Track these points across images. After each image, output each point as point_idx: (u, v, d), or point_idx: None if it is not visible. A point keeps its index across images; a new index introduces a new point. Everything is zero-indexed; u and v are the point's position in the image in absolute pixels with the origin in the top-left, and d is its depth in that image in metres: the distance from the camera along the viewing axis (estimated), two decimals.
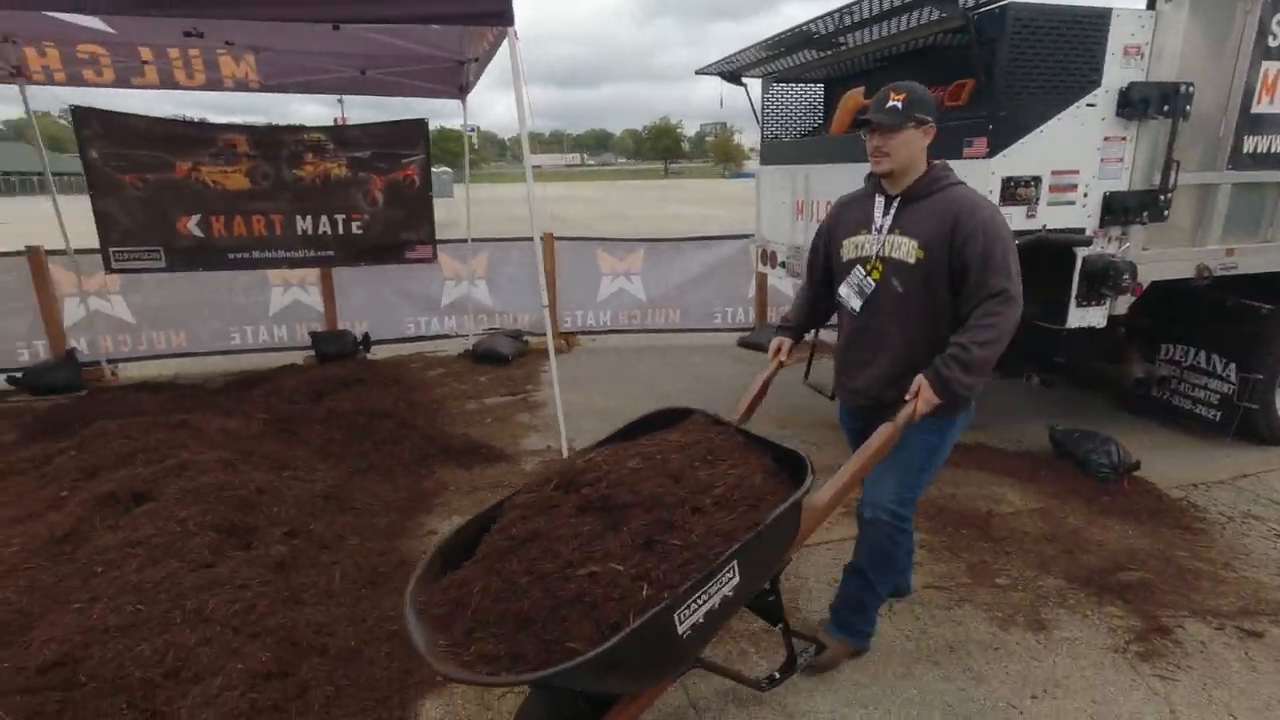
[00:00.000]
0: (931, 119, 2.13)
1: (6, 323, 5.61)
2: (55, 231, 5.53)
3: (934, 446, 2.24)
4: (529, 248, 6.66)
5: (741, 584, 1.71)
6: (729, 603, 1.71)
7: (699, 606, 1.62)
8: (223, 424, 3.43)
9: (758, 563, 1.79)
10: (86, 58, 5.22)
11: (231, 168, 5.69)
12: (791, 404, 5.19)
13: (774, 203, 5.27)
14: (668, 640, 1.59)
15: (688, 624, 1.61)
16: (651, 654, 1.63)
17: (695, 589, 1.59)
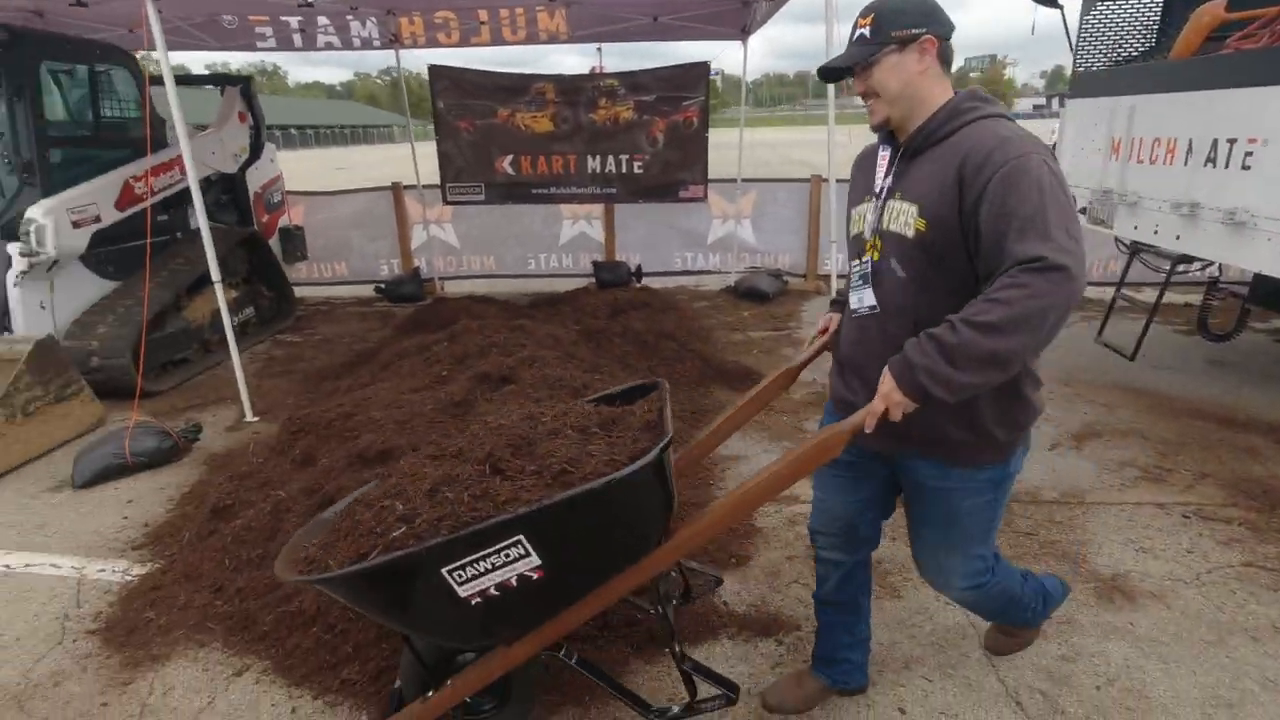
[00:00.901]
0: (923, 28, 1.51)
1: (375, 245, 7.09)
2: (374, 172, 6.81)
3: (993, 503, 1.71)
4: (795, 189, 6.78)
5: (550, 568, 1.50)
6: (539, 587, 1.51)
7: (479, 573, 1.48)
8: (548, 330, 4.13)
9: (575, 549, 1.55)
10: (440, 23, 6.26)
11: (540, 113, 6.49)
12: (1080, 362, 4.81)
13: (1081, 140, 4.78)
14: (442, 596, 1.49)
15: (472, 588, 1.49)
16: (430, 607, 1.56)
17: (455, 545, 1.44)
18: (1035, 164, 1.38)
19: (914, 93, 1.55)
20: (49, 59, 4.42)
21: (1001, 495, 1.73)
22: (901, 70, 1.53)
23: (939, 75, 1.55)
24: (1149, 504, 3.11)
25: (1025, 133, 1.47)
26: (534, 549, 1.48)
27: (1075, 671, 2.19)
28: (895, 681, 2.16)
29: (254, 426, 4.05)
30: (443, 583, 1.49)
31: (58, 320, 4.29)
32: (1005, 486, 1.72)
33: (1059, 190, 1.38)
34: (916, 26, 1.52)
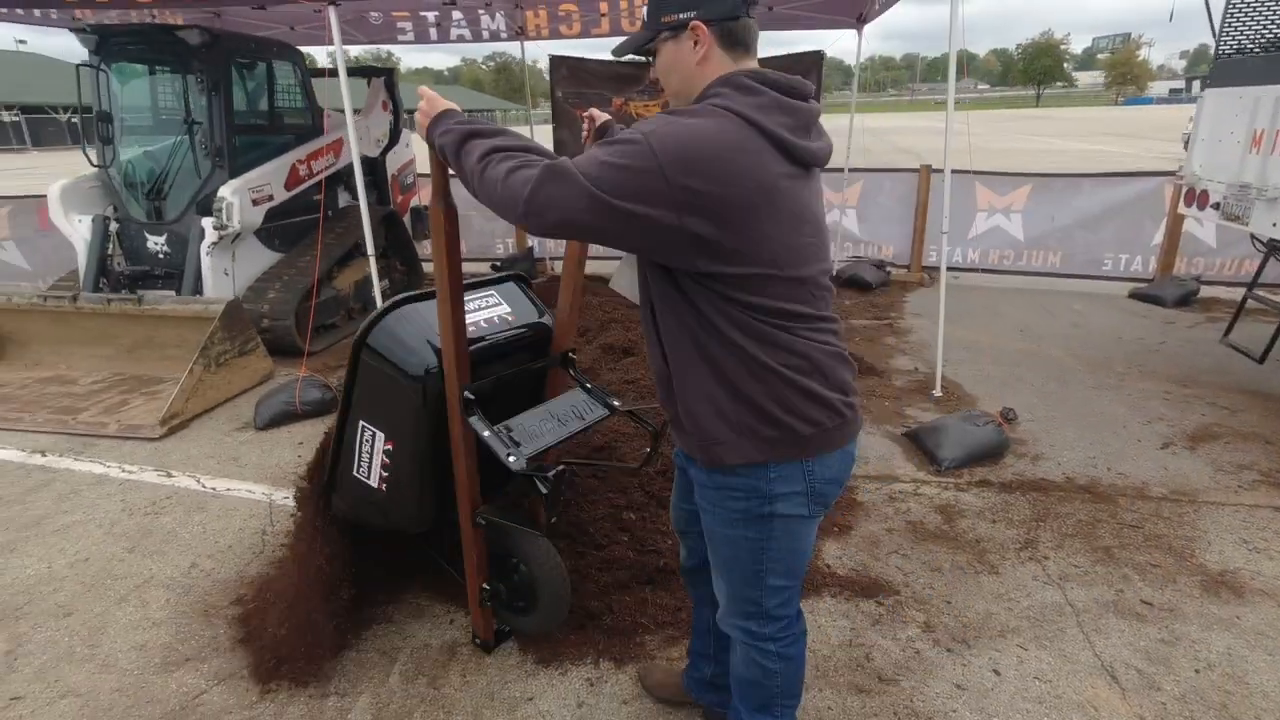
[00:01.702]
0: (691, 11, 1.33)
1: (492, 224, 7.58)
2: None
3: (756, 543, 1.48)
4: (902, 179, 6.74)
5: (390, 434, 2.05)
6: (399, 456, 2.05)
7: (368, 463, 2.11)
8: None
9: (385, 413, 2.05)
10: (564, 15, 6.61)
11: (653, 101, 6.74)
12: (1202, 363, 4.66)
13: (1218, 132, 4.57)
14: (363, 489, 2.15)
15: (374, 475, 2.11)
16: (365, 499, 2.19)
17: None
18: (644, 134, 1.21)
19: (692, 83, 1.37)
20: (238, 57, 5.05)
21: (765, 538, 1.47)
22: (678, 61, 1.38)
23: (722, 59, 1.35)
24: (1267, 507, 3.07)
25: (690, 120, 1.24)
26: (372, 426, 2.06)
27: (1174, 654, 2.28)
28: (990, 646, 2.32)
29: None
30: (356, 480, 2.16)
31: (236, 285, 4.93)
32: (771, 529, 1.46)
33: (649, 158, 1.18)
34: (684, 10, 1.34)
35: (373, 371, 2.03)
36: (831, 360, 1.42)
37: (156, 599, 2.59)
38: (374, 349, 2.01)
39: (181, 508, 3.20)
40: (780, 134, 1.28)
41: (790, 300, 1.35)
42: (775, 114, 1.28)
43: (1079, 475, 3.34)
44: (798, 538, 1.51)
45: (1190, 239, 6.09)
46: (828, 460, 1.44)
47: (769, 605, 1.57)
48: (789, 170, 1.30)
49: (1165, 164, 13.65)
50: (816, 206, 1.41)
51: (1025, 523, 2.99)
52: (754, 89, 1.28)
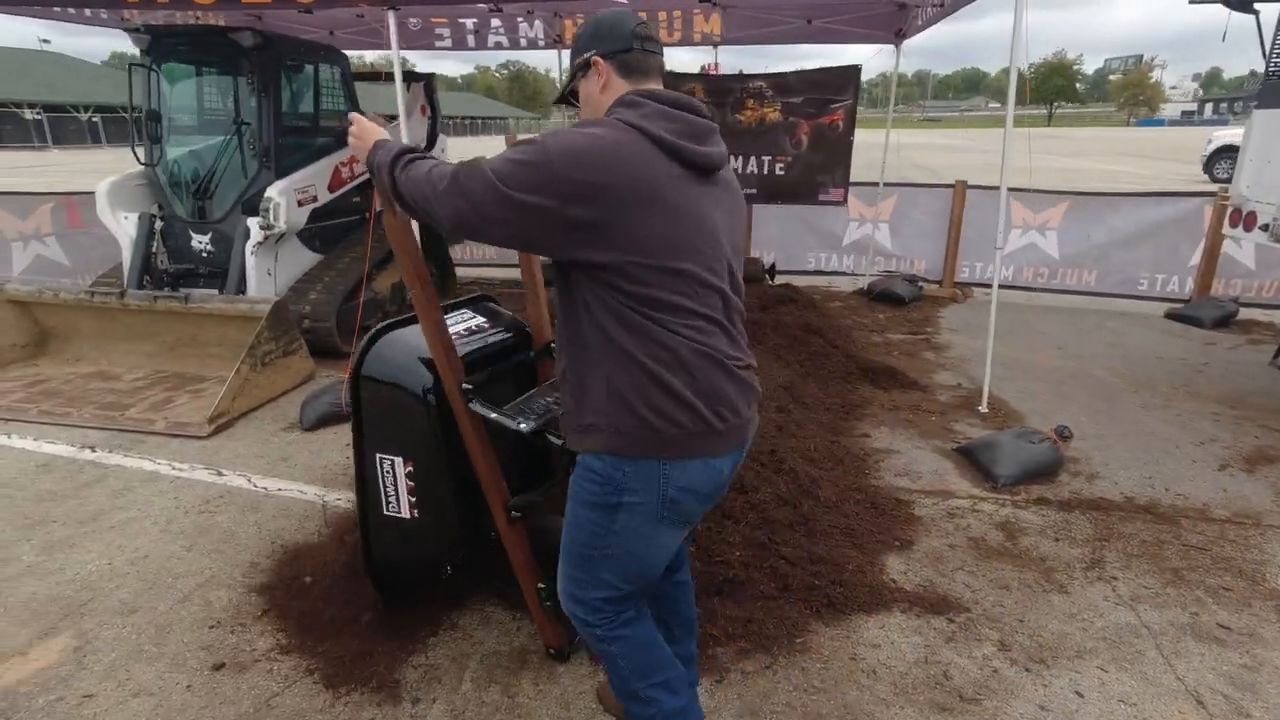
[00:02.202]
0: (591, 51, 1.54)
1: None
2: None
3: (597, 529, 1.55)
4: (937, 194, 6.74)
5: (409, 456, 2.05)
6: (422, 476, 2.05)
7: (393, 497, 2.10)
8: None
9: (397, 436, 2.06)
10: None
11: None
12: (1251, 386, 4.62)
13: (1270, 153, 4.56)
14: (396, 527, 2.14)
15: (401, 508, 2.10)
16: (399, 532, 2.16)
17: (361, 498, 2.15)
18: (562, 143, 1.37)
19: (599, 112, 1.55)
20: (288, 59, 5.09)
21: (606, 527, 1.53)
22: (587, 94, 1.59)
23: (621, 85, 1.54)
24: None
25: (580, 131, 1.40)
26: (388, 455, 2.06)
27: (1259, 680, 2.24)
28: (1070, 668, 2.28)
29: None
30: (389, 519, 2.15)
31: (278, 285, 4.94)
32: (617, 519, 1.52)
33: (539, 159, 1.35)
34: (586, 50, 1.56)
35: (376, 398, 2.06)
36: (703, 361, 1.46)
37: (219, 598, 2.57)
38: (371, 377, 2.06)
39: (235, 507, 3.19)
40: (665, 137, 1.43)
41: (665, 290, 1.42)
42: (659, 121, 1.44)
43: (1138, 495, 3.30)
44: (642, 540, 1.55)
45: (1228, 260, 6.07)
46: (686, 467, 1.48)
47: (590, 595, 1.63)
48: (677, 170, 1.44)
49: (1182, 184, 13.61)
50: (715, 213, 1.51)
51: (1089, 542, 2.95)
52: (639, 103, 1.47)
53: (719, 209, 1.52)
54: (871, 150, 6.66)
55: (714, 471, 1.52)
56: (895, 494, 3.26)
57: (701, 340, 1.46)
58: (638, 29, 1.54)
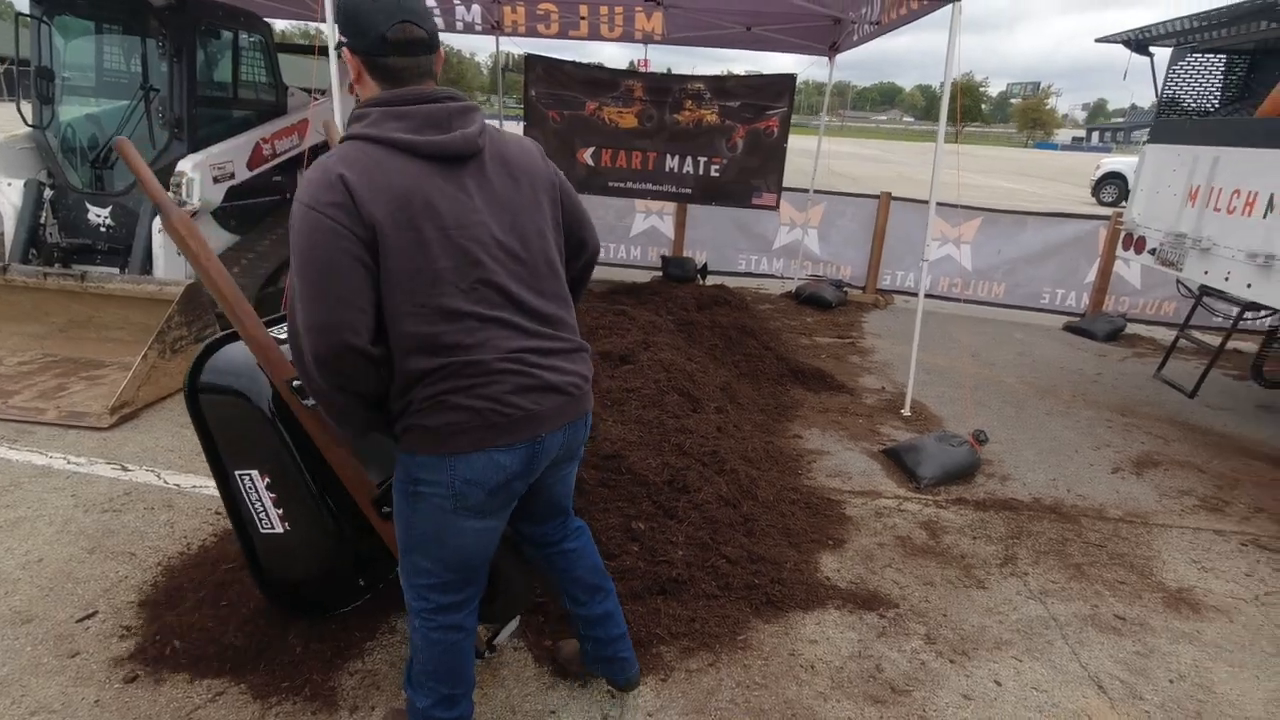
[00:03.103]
0: (344, 39, 1.45)
1: None
2: None
3: (404, 515, 1.60)
4: (864, 204, 7.01)
5: (261, 465, 1.97)
6: (282, 478, 1.97)
7: (260, 512, 2.02)
8: (648, 317, 4.42)
9: (237, 447, 2.00)
10: (542, 14, 6.54)
11: (627, 109, 6.74)
12: (1138, 395, 5.05)
13: (1159, 185, 4.99)
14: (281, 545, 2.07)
15: (270, 523, 2.03)
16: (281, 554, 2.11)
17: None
18: (295, 213, 1.37)
19: (363, 95, 1.49)
20: (205, 24, 4.73)
21: (412, 513, 1.57)
22: (345, 76, 1.54)
23: (373, 86, 1.47)
24: (1208, 530, 3.36)
25: (323, 165, 1.38)
26: (245, 469, 1.98)
27: (1150, 666, 2.46)
28: (989, 659, 2.44)
29: None
30: (268, 537, 2.05)
31: (189, 267, 4.60)
32: (420, 508, 1.55)
33: (299, 250, 1.35)
34: (342, 32, 1.46)
35: (216, 410, 1.98)
36: (475, 358, 1.46)
37: (130, 605, 2.38)
38: (208, 387, 1.96)
39: (143, 505, 2.96)
40: (400, 138, 1.40)
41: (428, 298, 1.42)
42: (389, 123, 1.41)
43: (1044, 496, 3.56)
44: (441, 527, 1.56)
45: (1119, 279, 6.61)
46: (469, 460, 1.49)
47: (414, 580, 1.66)
48: (423, 168, 1.41)
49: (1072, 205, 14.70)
50: (475, 200, 1.46)
51: (1003, 540, 3.15)
52: (363, 118, 1.43)
53: (480, 194, 1.47)
54: (797, 156, 6.85)
55: (493, 464, 1.51)
56: (828, 494, 3.38)
57: (483, 341, 1.46)
58: (392, 32, 1.39)
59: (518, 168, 1.54)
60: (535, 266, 1.54)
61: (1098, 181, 18.86)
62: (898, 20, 4.53)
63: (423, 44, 1.45)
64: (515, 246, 1.50)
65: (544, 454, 1.59)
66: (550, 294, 1.58)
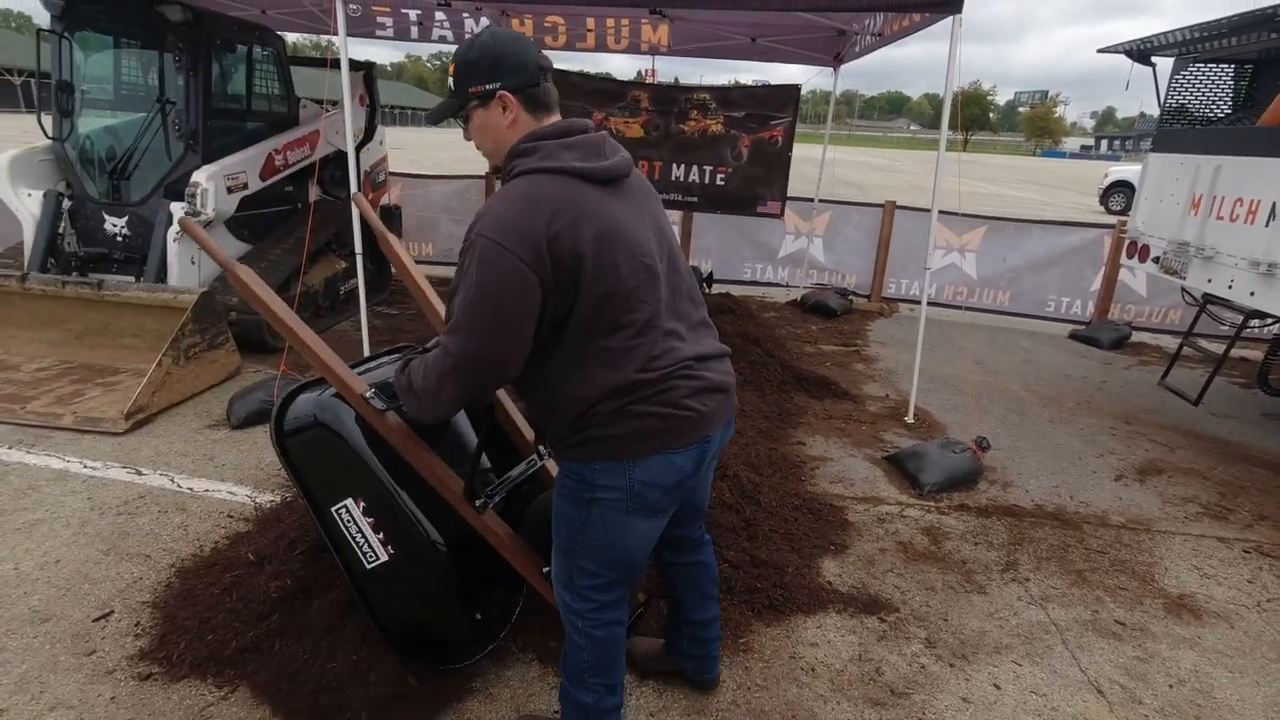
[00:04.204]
0: (496, 83, 1.50)
1: (462, 228, 7.45)
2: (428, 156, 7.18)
3: (575, 523, 1.65)
4: (868, 213, 7.06)
5: (362, 496, 1.95)
6: (382, 504, 1.95)
7: (363, 543, 1.99)
8: None
9: (339, 479, 1.98)
10: (550, 26, 6.63)
11: (633, 119, 6.81)
12: (1143, 403, 5.06)
13: (1162, 193, 5.01)
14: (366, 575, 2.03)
15: (375, 557, 1.99)
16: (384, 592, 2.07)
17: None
18: (471, 246, 1.42)
19: (499, 148, 1.56)
20: (220, 38, 4.84)
21: (584, 521, 1.62)
22: (489, 126, 1.54)
23: (529, 122, 1.54)
24: (1211, 537, 3.37)
25: (506, 198, 1.45)
26: (341, 502, 1.96)
27: (1150, 671, 2.48)
28: (989, 663, 2.46)
29: None
30: (374, 573, 2.02)
31: (202, 275, 4.70)
32: (592, 515, 1.61)
33: (488, 274, 1.39)
34: (490, 81, 1.50)
35: (305, 450, 2.00)
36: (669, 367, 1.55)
37: (145, 605, 2.44)
38: (291, 429, 1.99)
39: (157, 508, 3.02)
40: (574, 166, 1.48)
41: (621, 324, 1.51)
42: (563, 154, 1.49)
43: (1047, 502, 3.58)
44: (613, 529, 1.63)
45: (1124, 287, 6.61)
46: (647, 464, 1.56)
47: (577, 583, 1.72)
48: (600, 194, 1.49)
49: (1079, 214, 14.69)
50: (629, 219, 1.54)
51: (1004, 546, 3.17)
52: (535, 151, 1.49)
53: (635, 213, 1.56)
54: (802, 164, 6.89)
55: (670, 464, 1.59)
56: (830, 500, 3.40)
57: (665, 350, 1.56)
58: (540, 59, 1.53)
59: (643, 186, 1.66)
60: (683, 276, 1.67)
61: (1106, 190, 18.83)
62: (899, 32, 4.59)
63: (551, 68, 1.59)
64: (667, 260, 1.61)
65: (710, 452, 1.68)
66: (697, 301, 1.71)
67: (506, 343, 1.44)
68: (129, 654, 2.22)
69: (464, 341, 1.44)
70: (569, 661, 1.80)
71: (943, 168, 4.03)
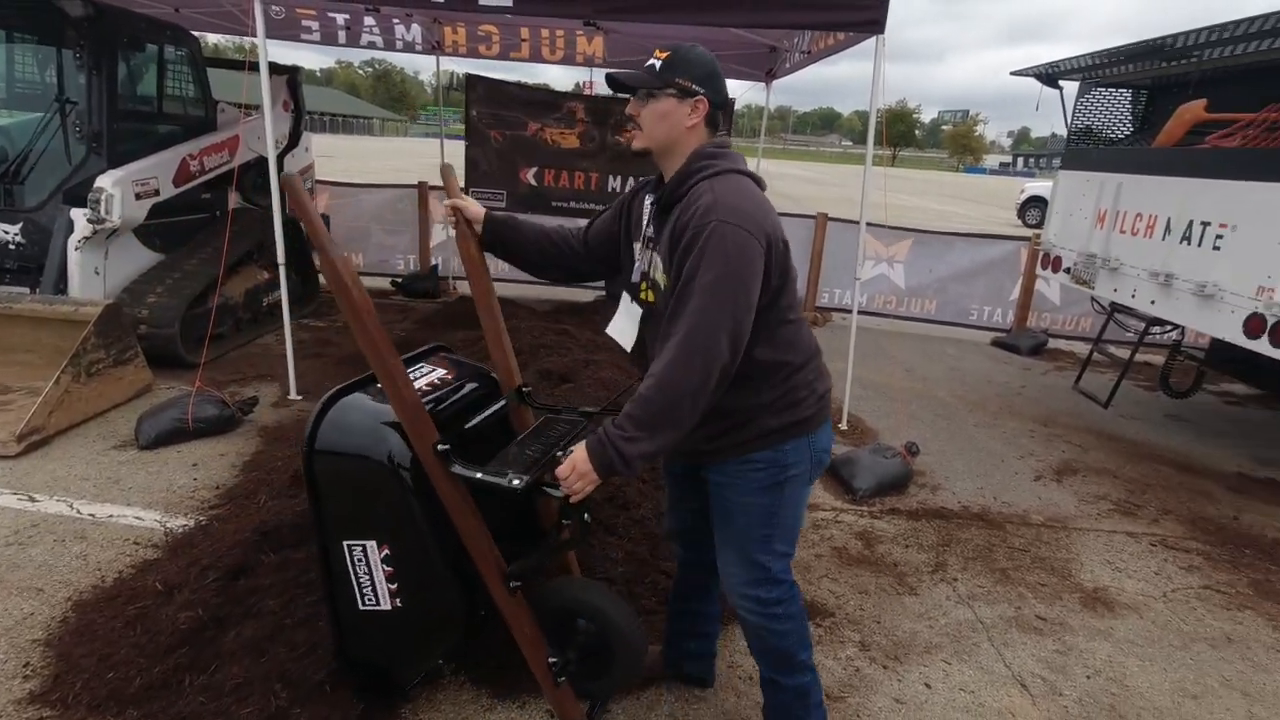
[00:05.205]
0: (702, 89, 1.62)
1: (394, 239, 7.29)
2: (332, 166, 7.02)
3: (768, 509, 1.75)
4: (802, 224, 7.21)
5: (384, 538, 1.78)
6: (404, 557, 1.79)
7: (367, 587, 1.82)
8: (590, 336, 4.44)
9: (370, 515, 1.80)
10: (484, 35, 6.56)
11: (569, 130, 6.80)
12: (1059, 407, 5.31)
13: (1071, 208, 5.31)
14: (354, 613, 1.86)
15: (378, 600, 1.83)
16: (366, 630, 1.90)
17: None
18: (710, 231, 1.49)
19: (675, 142, 1.65)
20: (127, 36, 4.58)
21: (778, 504, 1.74)
22: (673, 118, 1.63)
23: (702, 133, 1.67)
24: (1122, 532, 3.55)
25: (728, 192, 1.56)
26: (358, 540, 1.79)
27: (1069, 663, 2.58)
28: (920, 663, 2.51)
29: (300, 404, 4.24)
30: (366, 614, 1.84)
31: (107, 286, 4.41)
32: (785, 496, 1.74)
33: (740, 261, 1.49)
34: (699, 84, 1.63)
35: (336, 475, 1.80)
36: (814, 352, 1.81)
37: (37, 644, 2.24)
38: (328, 450, 1.78)
39: (53, 537, 2.80)
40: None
41: (793, 305, 1.74)
42: (740, 160, 1.71)
43: (973, 504, 3.70)
44: (799, 501, 1.82)
45: (1040, 297, 6.97)
46: (819, 434, 1.78)
47: (776, 567, 1.82)
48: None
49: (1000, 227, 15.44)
50: None
51: (934, 547, 3.26)
52: (727, 155, 1.67)
53: None
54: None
55: (829, 431, 1.84)
56: None
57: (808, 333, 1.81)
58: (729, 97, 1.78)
59: None
60: None
61: (1022, 204, 19.88)
62: (826, 50, 4.73)
63: None
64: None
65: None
66: None
67: (747, 318, 1.53)
68: (16, 698, 2.03)
69: (715, 316, 1.49)
70: (773, 656, 1.89)
71: (870, 181, 4.15)
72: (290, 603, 2.34)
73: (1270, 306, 3.52)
